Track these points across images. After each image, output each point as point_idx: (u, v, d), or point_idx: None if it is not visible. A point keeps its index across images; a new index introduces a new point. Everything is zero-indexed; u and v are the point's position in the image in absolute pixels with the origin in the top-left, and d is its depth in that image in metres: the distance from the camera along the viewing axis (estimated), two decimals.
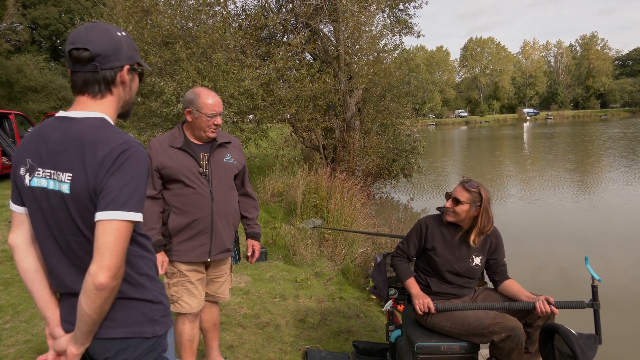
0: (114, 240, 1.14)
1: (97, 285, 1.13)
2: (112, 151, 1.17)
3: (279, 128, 11.72)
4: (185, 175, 2.38)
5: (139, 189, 1.19)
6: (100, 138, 1.20)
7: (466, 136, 43.30)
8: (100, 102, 1.29)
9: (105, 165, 1.17)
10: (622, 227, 8.56)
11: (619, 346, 4.27)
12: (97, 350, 1.28)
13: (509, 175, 16.28)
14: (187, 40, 8.25)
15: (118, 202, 1.15)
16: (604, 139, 29.59)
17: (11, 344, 3.22)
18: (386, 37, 11.93)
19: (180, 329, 2.54)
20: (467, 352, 2.34)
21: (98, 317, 1.21)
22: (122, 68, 1.29)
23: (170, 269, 2.46)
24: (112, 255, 1.14)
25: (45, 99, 25.71)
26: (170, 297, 2.44)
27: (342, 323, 3.81)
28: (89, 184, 1.18)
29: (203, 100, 2.36)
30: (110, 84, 1.29)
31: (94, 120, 1.25)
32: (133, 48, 1.34)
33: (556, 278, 6.28)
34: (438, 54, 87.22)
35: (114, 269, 1.14)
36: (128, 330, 1.28)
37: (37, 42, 37.39)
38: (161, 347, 1.36)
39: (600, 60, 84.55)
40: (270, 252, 5.59)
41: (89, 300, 1.16)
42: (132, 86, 1.37)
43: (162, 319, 1.36)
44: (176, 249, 2.43)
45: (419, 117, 13.78)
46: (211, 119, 2.37)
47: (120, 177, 1.16)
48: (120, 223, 1.15)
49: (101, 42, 1.25)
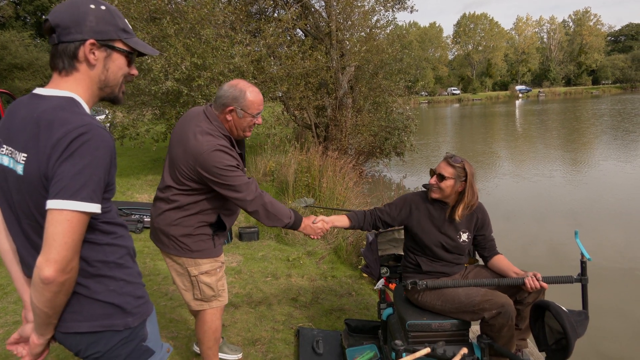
0: (62, 232, 1.06)
1: (43, 278, 1.06)
2: (68, 134, 1.08)
3: (271, 106, 11.58)
4: None
5: (94, 177, 1.09)
6: (58, 119, 1.10)
7: (459, 114, 43.26)
8: (66, 80, 1.20)
9: (58, 149, 1.07)
10: (611, 202, 8.65)
11: (606, 319, 4.36)
12: (68, 344, 1.25)
13: (500, 152, 16.34)
14: (175, 16, 8.02)
15: (69, 191, 1.06)
16: (594, 115, 29.72)
17: (0, 325, 3.20)
18: (379, 12, 11.74)
19: (218, 325, 2.45)
20: (458, 329, 2.36)
21: (51, 312, 1.15)
22: (84, 42, 1.18)
23: (212, 265, 2.33)
24: (59, 247, 1.06)
25: (32, 76, 25.14)
26: (218, 292, 2.37)
27: (334, 301, 3.83)
28: (40, 168, 1.10)
29: (250, 99, 2.14)
30: (73, 58, 1.19)
31: (59, 100, 1.16)
32: (110, 23, 1.22)
33: (547, 254, 6.35)
34: (431, 31, 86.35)
35: (62, 263, 1.07)
36: (96, 324, 1.23)
37: (22, 17, 36.37)
38: (139, 337, 1.31)
39: (593, 37, 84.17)
40: (262, 231, 5.58)
41: (37, 294, 1.10)
42: (108, 65, 1.24)
43: (136, 309, 1.29)
44: (219, 244, 2.37)
45: (412, 95, 13.69)
46: (254, 119, 2.20)
47: (74, 164, 1.07)
48: (71, 213, 1.07)
49: (62, 12, 1.17)
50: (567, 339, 1.92)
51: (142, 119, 8.84)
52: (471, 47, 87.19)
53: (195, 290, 2.33)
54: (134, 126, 8.49)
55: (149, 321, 1.35)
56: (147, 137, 8.74)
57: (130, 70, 1.31)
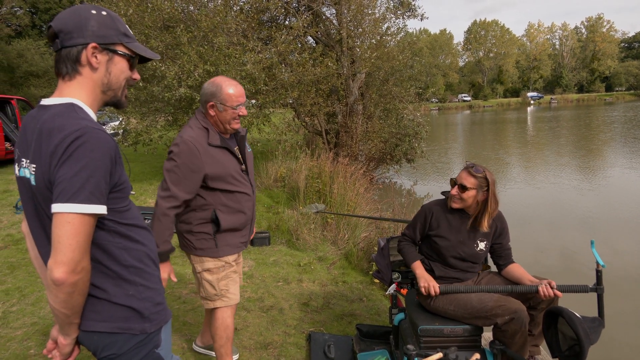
0: (66, 234, 1.09)
1: (54, 280, 1.10)
2: (64, 139, 1.11)
3: (282, 113, 11.65)
4: (232, 177, 2.30)
5: (92, 178, 1.11)
6: (56, 126, 1.14)
7: (469, 120, 43.05)
8: (70, 85, 1.24)
9: (57, 155, 1.11)
10: (626, 210, 8.54)
11: (622, 329, 4.30)
12: (86, 343, 1.28)
13: (511, 159, 16.22)
14: (188, 24, 8.15)
15: (67, 194, 1.09)
16: (607, 122, 29.39)
17: (18, 327, 3.26)
18: (389, 20, 11.80)
19: (228, 323, 2.48)
20: (470, 334, 2.36)
21: (69, 312, 1.18)
22: (86, 46, 1.22)
23: (216, 263, 2.38)
24: (65, 249, 1.09)
25: (47, 84, 25.65)
26: (220, 292, 2.41)
27: (345, 306, 3.84)
28: (44, 176, 1.14)
29: (227, 92, 2.23)
30: (76, 62, 1.23)
31: (59, 107, 1.20)
32: (111, 28, 1.26)
33: (561, 262, 6.29)
34: (441, 37, 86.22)
35: (71, 264, 1.09)
36: (114, 326, 1.25)
37: (38, 26, 37.10)
38: (153, 343, 1.32)
39: (606, 43, 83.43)
40: (273, 236, 5.62)
41: (52, 295, 1.14)
42: (110, 69, 1.28)
43: (154, 315, 1.32)
44: (223, 244, 2.38)
45: (422, 102, 13.68)
46: (236, 111, 2.26)
47: (70, 167, 1.09)
48: (71, 216, 1.09)
49: (64, 19, 1.22)
50: (581, 346, 1.92)
51: (155, 125, 8.97)
52: (482, 54, 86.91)
53: (200, 287, 2.44)
54: (147, 132, 8.60)
55: (164, 329, 1.37)
56: (160, 143, 8.87)
57: (133, 74, 1.34)
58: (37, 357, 2.88)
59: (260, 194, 8.04)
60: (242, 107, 2.29)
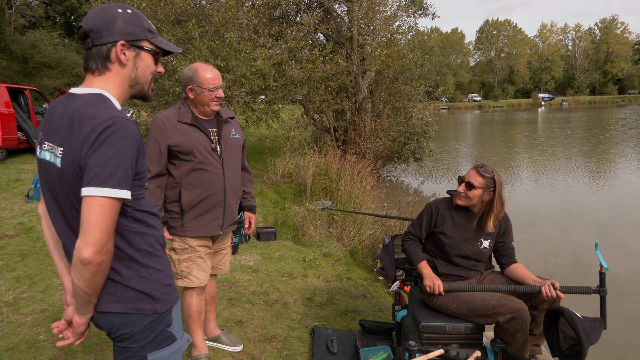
0: (96, 216, 1.15)
1: (82, 259, 1.16)
2: (97, 127, 1.17)
3: (290, 109, 11.70)
4: (198, 151, 2.40)
5: (122, 164, 1.18)
6: (87, 114, 1.20)
7: (479, 120, 42.80)
8: (99, 79, 1.31)
9: (89, 141, 1.17)
10: (638, 214, 8.48)
11: (625, 331, 4.29)
12: (101, 323, 1.34)
13: (521, 160, 16.12)
14: (200, 19, 8.20)
15: (100, 179, 1.15)
16: (619, 125, 29.08)
17: (28, 313, 3.33)
18: (400, 18, 11.78)
19: (189, 302, 2.61)
20: (471, 332, 2.38)
21: (91, 290, 1.24)
22: (115, 43, 1.29)
23: (180, 245, 2.51)
24: (95, 231, 1.15)
25: (60, 75, 25.84)
26: (181, 273, 2.51)
27: (349, 302, 3.88)
28: (74, 160, 1.20)
29: (203, 75, 2.38)
30: (106, 59, 1.30)
31: (89, 97, 1.26)
32: (137, 25, 1.32)
33: (568, 263, 6.26)
34: (453, 37, 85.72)
35: (98, 245, 1.16)
36: (127, 306, 1.31)
37: (52, 17, 37.38)
38: (165, 322, 1.38)
39: (620, 45, 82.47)
40: (279, 232, 5.66)
41: (77, 274, 1.20)
42: (138, 64, 1.35)
43: (164, 296, 1.38)
44: (189, 224, 2.47)
45: (431, 101, 13.64)
46: (213, 93, 2.40)
47: (103, 153, 1.16)
48: (102, 199, 1.16)
49: (93, 19, 1.28)
50: (581, 345, 1.94)
51: None
52: (493, 54, 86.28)
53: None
54: None
55: (174, 309, 1.43)
56: None
57: (157, 68, 1.42)
58: (46, 342, 2.94)
59: (267, 190, 8.09)
60: (219, 90, 2.43)
